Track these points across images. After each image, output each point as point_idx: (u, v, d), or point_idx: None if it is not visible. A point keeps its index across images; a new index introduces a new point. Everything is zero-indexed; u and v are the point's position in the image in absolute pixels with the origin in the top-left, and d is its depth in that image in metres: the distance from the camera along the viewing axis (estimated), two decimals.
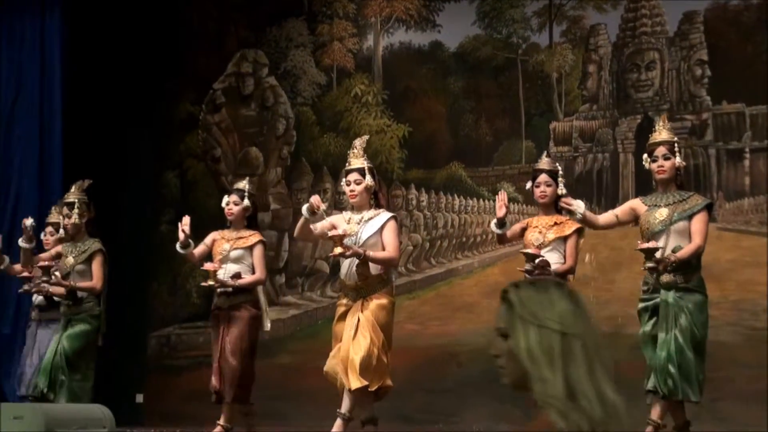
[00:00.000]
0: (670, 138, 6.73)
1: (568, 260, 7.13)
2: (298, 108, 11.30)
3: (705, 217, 6.56)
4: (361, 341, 6.90)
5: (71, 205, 8.50)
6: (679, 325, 6.33)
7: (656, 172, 6.69)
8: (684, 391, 6.31)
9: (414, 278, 10.65)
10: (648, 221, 6.60)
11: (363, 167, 7.20)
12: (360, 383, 6.83)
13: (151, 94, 11.36)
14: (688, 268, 6.45)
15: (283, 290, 11.09)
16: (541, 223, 7.24)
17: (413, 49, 11.01)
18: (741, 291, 9.17)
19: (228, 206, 8.01)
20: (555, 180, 7.22)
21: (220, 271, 7.72)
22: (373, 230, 7.07)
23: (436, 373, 9.25)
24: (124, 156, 11.12)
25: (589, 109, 10.35)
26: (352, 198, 7.19)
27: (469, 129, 10.69)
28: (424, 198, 10.73)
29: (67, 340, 8.26)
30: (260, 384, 10.59)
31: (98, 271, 8.40)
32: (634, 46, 10.18)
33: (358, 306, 7.01)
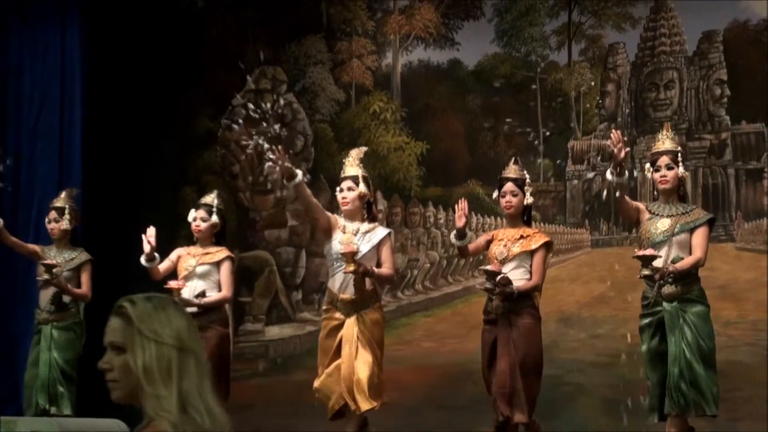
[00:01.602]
0: (674, 148, 6.67)
1: (534, 276, 6.82)
2: (317, 125, 11.32)
3: (706, 231, 6.51)
4: (365, 360, 6.85)
5: (61, 210, 8.47)
6: (686, 338, 6.27)
7: (659, 182, 6.63)
8: (697, 406, 6.26)
9: (431, 296, 10.64)
10: (649, 230, 6.54)
11: (357, 175, 7.15)
12: (370, 405, 6.80)
13: (170, 109, 11.38)
14: (688, 279, 6.40)
15: (300, 306, 11.08)
16: (507, 235, 6.93)
17: (432, 66, 11.03)
18: (759, 311, 9.12)
19: (195, 222, 7.82)
20: (522, 189, 6.98)
21: (185, 289, 7.54)
22: (371, 245, 7.04)
23: (452, 391, 9.23)
24: (143, 171, 11.13)
25: (608, 128, 10.32)
26: (344, 205, 7.15)
27: (487, 147, 10.68)
28: (442, 215, 10.73)
29: (58, 352, 8.22)
30: (275, 401, 10.61)
31: (89, 281, 8.38)
32: (653, 65, 10.17)
33: (353, 321, 6.95)
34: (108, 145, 10.71)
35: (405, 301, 10.58)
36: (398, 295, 10.63)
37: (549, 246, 6.92)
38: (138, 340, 2.87)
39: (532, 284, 6.80)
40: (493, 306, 6.78)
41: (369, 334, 6.93)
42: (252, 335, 11.08)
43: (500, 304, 6.73)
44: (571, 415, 9.37)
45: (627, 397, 9.33)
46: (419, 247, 10.72)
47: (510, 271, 6.77)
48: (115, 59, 10.97)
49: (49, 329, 8.27)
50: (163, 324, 2.89)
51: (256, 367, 10.98)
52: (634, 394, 9.28)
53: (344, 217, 7.17)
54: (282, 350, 11.00)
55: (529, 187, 6.99)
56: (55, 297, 8.29)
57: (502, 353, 6.62)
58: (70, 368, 8.24)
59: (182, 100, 11.51)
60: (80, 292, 8.33)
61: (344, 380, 6.86)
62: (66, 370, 8.21)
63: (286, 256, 11.23)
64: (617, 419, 9.30)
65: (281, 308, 11.13)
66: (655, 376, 6.44)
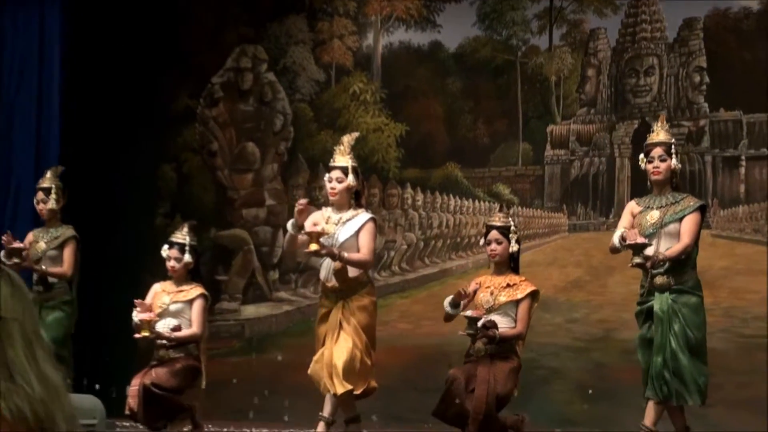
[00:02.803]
0: (668, 139, 6.67)
1: (519, 325, 6.84)
2: (296, 104, 11.30)
3: (696, 218, 6.50)
4: (343, 346, 6.88)
5: (47, 190, 8.44)
6: (673, 329, 6.30)
7: (651, 173, 6.63)
8: (679, 396, 6.29)
9: (407, 277, 10.66)
10: (640, 223, 6.55)
11: (347, 166, 7.12)
12: (344, 388, 6.83)
13: (149, 87, 11.35)
14: (680, 269, 6.41)
15: (276, 286, 11.09)
16: (494, 283, 6.94)
17: (413, 48, 11.02)
18: (733, 298, 9.19)
19: (169, 263, 7.77)
20: (507, 237, 6.96)
21: (160, 323, 7.56)
22: (350, 232, 7.03)
23: (427, 373, 9.27)
24: (121, 148, 11.11)
25: (587, 113, 10.36)
26: (332, 196, 7.14)
27: (467, 130, 10.69)
28: (420, 197, 10.74)
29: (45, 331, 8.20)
30: (252, 380, 10.63)
31: (70, 258, 8.35)
32: (633, 51, 10.19)
33: (339, 309, 6.98)
34: (86, 123, 10.68)
35: (381, 282, 10.58)
36: (375, 276, 10.64)
37: (535, 295, 6.95)
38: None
39: (516, 332, 6.84)
40: (475, 349, 6.82)
41: (355, 321, 6.94)
42: (228, 314, 11.09)
43: (482, 348, 6.77)
44: (545, 399, 9.42)
45: (601, 382, 9.40)
46: (396, 228, 10.74)
47: (495, 317, 6.79)
48: (95, 37, 10.93)
49: (38, 308, 8.29)
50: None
51: (231, 346, 10.99)
52: (608, 379, 9.35)
53: (332, 206, 7.17)
54: (258, 329, 11.01)
55: (514, 235, 6.98)
56: (41, 276, 8.30)
57: (482, 380, 6.65)
58: (57, 347, 8.21)
59: (161, 77, 11.47)
60: (58, 271, 8.31)
61: (326, 366, 6.92)
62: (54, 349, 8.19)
63: (263, 236, 11.22)
64: (591, 403, 9.36)
65: (258, 287, 11.13)
66: (645, 363, 6.48)
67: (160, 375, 7.47)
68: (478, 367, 6.70)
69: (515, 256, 7.01)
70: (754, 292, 9.20)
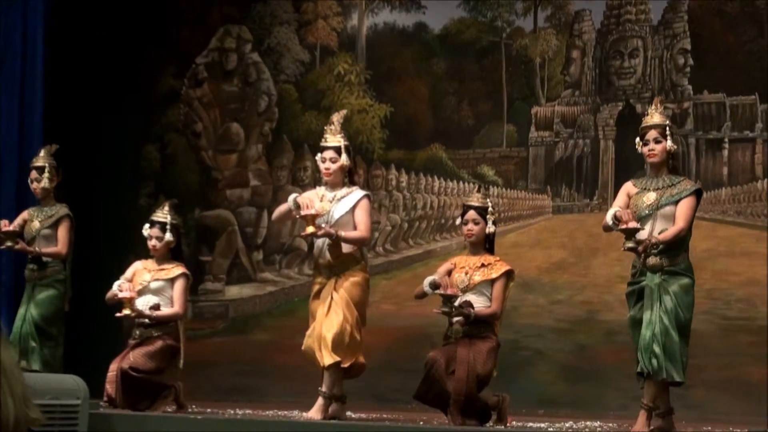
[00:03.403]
0: (662, 121, 6.67)
1: (494, 304, 6.84)
2: (281, 85, 11.28)
3: (692, 202, 6.51)
4: (333, 318, 6.92)
5: (41, 169, 8.43)
6: (664, 306, 6.30)
7: (647, 156, 6.63)
8: (668, 371, 6.30)
9: (391, 258, 10.67)
10: (636, 205, 6.55)
11: (339, 145, 7.16)
12: (332, 359, 6.87)
13: (133, 67, 11.33)
14: (674, 251, 6.42)
15: (260, 267, 11.09)
16: (469, 263, 6.96)
17: (397, 29, 11.00)
18: (715, 280, 9.22)
19: (151, 242, 7.76)
20: (484, 218, 6.98)
21: (139, 299, 7.54)
22: (345, 209, 7.06)
23: (410, 354, 9.28)
24: (105, 128, 11.09)
25: (572, 95, 10.37)
26: (327, 176, 7.18)
27: (451, 111, 10.69)
28: (404, 179, 10.74)
29: (35, 308, 8.22)
30: (235, 360, 10.64)
31: (64, 237, 8.34)
32: (617, 33, 10.20)
33: (332, 284, 7.02)
34: (70, 103, 10.65)
35: None
36: None
37: (510, 275, 6.96)
38: None
39: (491, 311, 6.84)
40: (453, 330, 6.85)
41: (346, 295, 6.98)
42: (212, 294, 11.09)
43: (460, 329, 6.80)
44: (528, 380, 9.45)
45: (584, 363, 9.43)
46: (381, 209, 10.74)
47: (470, 297, 6.82)
48: (79, 17, 10.89)
49: (31, 286, 8.30)
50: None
51: (215, 326, 11.00)
52: (591, 360, 9.39)
53: (326, 186, 7.20)
54: (242, 310, 11.02)
55: (491, 216, 7.00)
56: (36, 255, 8.29)
57: (461, 361, 6.67)
58: (46, 325, 8.23)
59: (145, 58, 11.45)
60: (52, 251, 8.31)
61: (315, 339, 6.95)
62: (41, 325, 8.20)
63: (247, 216, 11.22)
64: (574, 384, 9.40)
65: (242, 268, 11.13)
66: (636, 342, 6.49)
67: (137, 358, 7.46)
68: (458, 349, 6.72)
69: (491, 237, 7.03)
70: (737, 274, 9.25)
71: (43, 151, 8.60)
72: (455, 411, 6.65)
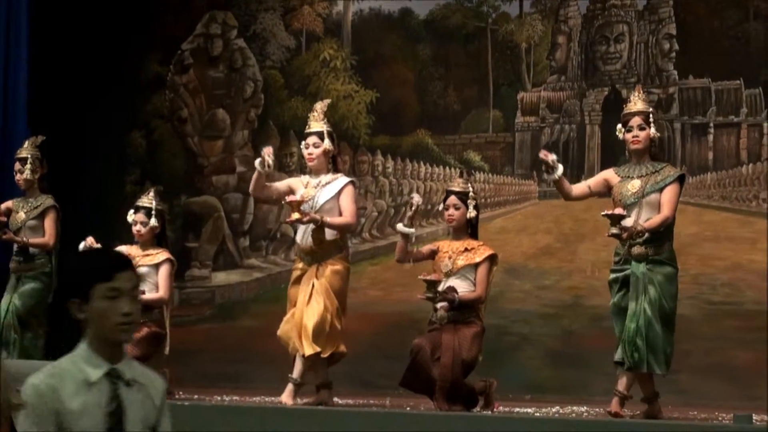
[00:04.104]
0: (646, 108, 6.68)
1: (478, 288, 6.87)
2: (267, 71, 11.26)
3: (676, 188, 6.52)
4: (314, 307, 6.93)
5: (24, 160, 8.42)
6: (648, 297, 6.32)
7: (630, 143, 6.64)
8: (650, 363, 6.33)
9: (378, 244, 10.68)
10: (620, 192, 6.56)
11: (322, 131, 7.18)
12: (313, 350, 6.88)
13: (118, 53, 11.28)
14: (659, 240, 6.43)
15: (247, 253, 11.08)
16: (452, 248, 6.98)
17: (383, 15, 10.98)
18: (701, 265, 9.25)
19: (135, 227, 7.76)
20: (465, 203, 6.99)
21: None
22: (330, 195, 7.07)
23: (397, 340, 9.29)
24: (89, 115, 11.05)
25: (557, 80, 10.37)
26: (310, 161, 7.19)
27: (437, 97, 10.68)
28: (390, 164, 10.74)
29: (18, 299, 8.20)
30: (222, 346, 10.63)
31: (51, 228, 8.32)
32: (603, 18, 10.20)
33: (313, 271, 7.03)
34: (54, 89, 10.60)
35: (351, 249, 10.56)
36: None
37: (493, 259, 6.98)
38: None
39: (476, 296, 6.87)
40: (438, 317, 6.85)
41: (327, 283, 6.99)
42: (198, 281, 11.08)
43: (445, 315, 6.81)
44: (515, 365, 9.46)
45: (570, 349, 9.46)
46: (367, 195, 10.74)
47: (454, 282, 6.83)
48: (63, 2, 10.84)
49: (16, 277, 8.27)
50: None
51: (202, 313, 10.99)
52: (577, 345, 9.41)
53: (310, 172, 7.21)
54: (228, 296, 11.02)
55: (472, 201, 7.00)
56: (22, 247, 8.27)
57: (447, 347, 6.69)
58: (28, 316, 8.22)
59: (131, 44, 11.41)
60: (40, 242, 8.29)
61: (296, 326, 6.96)
62: (23, 317, 8.19)
63: (233, 202, 11.21)
64: (561, 370, 9.42)
65: (228, 254, 11.13)
66: (619, 330, 6.51)
67: None
68: (443, 335, 6.73)
69: (473, 222, 7.03)
70: (722, 259, 9.28)
71: (27, 142, 8.58)
72: (441, 397, 6.67)
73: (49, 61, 10.58)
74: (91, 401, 3.06)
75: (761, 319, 8.76)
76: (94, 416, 3.05)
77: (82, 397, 3.06)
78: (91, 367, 3.13)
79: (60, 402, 3.03)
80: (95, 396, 3.08)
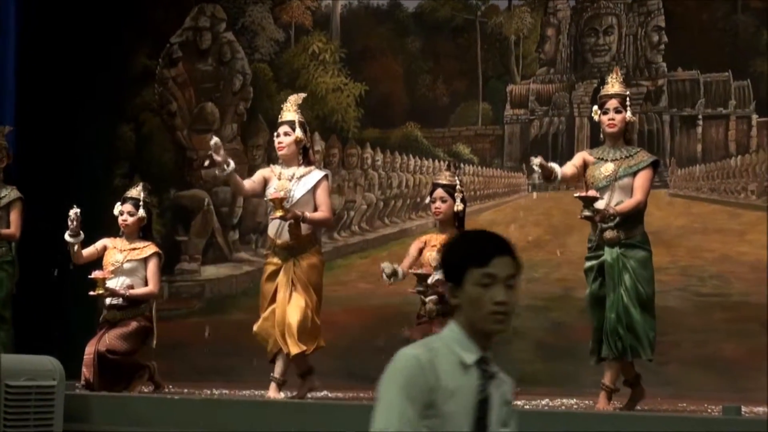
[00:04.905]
0: (622, 91, 6.67)
1: None
2: (256, 64, 11.25)
3: (649, 173, 6.52)
4: (297, 305, 6.91)
5: None
6: (624, 284, 6.33)
7: (606, 125, 6.62)
8: (634, 350, 6.34)
9: (367, 237, 10.68)
10: (593, 175, 6.55)
11: (293, 120, 7.15)
12: (299, 348, 6.88)
13: (107, 46, 11.26)
14: (630, 223, 6.42)
15: (236, 246, 11.08)
16: (439, 241, 6.92)
17: (372, 8, 10.97)
18: (690, 257, 9.27)
19: (122, 216, 7.74)
20: (452, 195, 7.01)
21: (111, 280, 7.53)
22: (305, 189, 7.05)
23: (387, 333, 9.30)
24: (78, 108, 11.03)
25: (546, 73, 10.37)
26: (280, 150, 7.16)
27: (426, 89, 10.68)
28: (379, 157, 10.73)
29: None
30: (213, 340, 10.63)
31: (17, 220, 8.31)
32: (592, 10, 10.20)
33: (290, 266, 6.99)
34: (43, 83, 10.58)
35: (341, 242, 10.62)
36: (335, 237, 10.66)
37: None
38: None
39: None
40: (426, 310, 6.85)
41: (305, 279, 6.98)
42: (188, 274, 11.08)
43: (434, 308, 6.81)
44: (504, 358, 9.44)
45: (560, 341, 9.47)
46: (356, 188, 10.74)
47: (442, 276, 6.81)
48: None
49: None
50: None
51: (191, 307, 10.99)
52: (567, 337, 9.42)
53: (281, 162, 7.17)
54: (218, 290, 11.01)
55: (459, 193, 7.00)
56: None
57: None
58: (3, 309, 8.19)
59: (119, 37, 11.39)
60: (7, 232, 8.26)
61: (278, 324, 6.94)
62: None
63: (223, 196, 11.20)
64: (550, 362, 9.44)
65: (218, 248, 11.12)
66: (596, 320, 6.50)
67: (113, 340, 7.45)
68: (433, 328, 6.74)
69: (460, 215, 7.02)
70: (711, 251, 9.29)
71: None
72: None
73: (37, 54, 10.56)
74: (465, 384, 2.87)
75: (750, 311, 8.79)
76: (466, 400, 2.85)
77: (457, 379, 2.86)
78: (464, 351, 2.92)
79: (437, 378, 2.83)
80: (469, 380, 2.88)
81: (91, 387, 7.36)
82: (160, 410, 6.85)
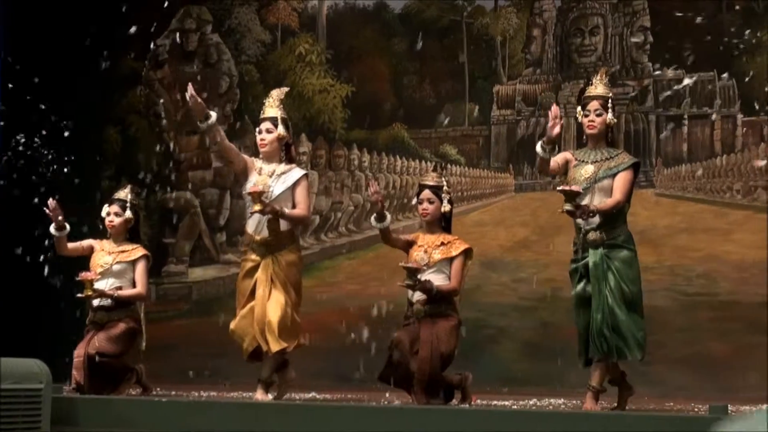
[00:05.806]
0: (605, 93, 6.64)
1: (453, 281, 6.86)
2: (242, 66, 11.25)
3: (629, 175, 6.51)
4: (277, 302, 6.88)
5: None
6: (609, 285, 6.32)
7: (587, 127, 6.60)
8: (619, 351, 6.33)
9: (354, 238, 10.68)
10: (574, 177, 6.54)
11: (276, 117, 7.12)
12: (279, 345, 6.84)
13: (93, 48, 11.23)
14: (612, 224, 6.42)
15: (223, 248, 11.07)
16: (427, 241, 6.98)
17: (358, 9, 10.99)
18: (676, 256, 9.29)
19: (108, 217, 7.69)
20: (439, 197, 7.00)
21: (101, 283, 7.52)
22: (285, 186, 7.03)
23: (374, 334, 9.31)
24: (65, 110, 11.00)
25: (533, 73, 10.40)
26: (262, 147, 7.12)
27: (413, 90, 10.70)
28: (366, 158, 10.74)
29: None
30: (201, 342, 10.62)
31: None
32: (578, 11, 10.23)
33: (268, 263, 6.96)
34: (29, 85, 10.56)
35: (328, 243, 10.62)
36: (322, 238, 10.67)
37: (468, 253, 6.97)
38: None
39: (452, 287, 6.86)
40: (414, 310, 6.86)
41: (284, 276, 6.95)
42: (175, 277, 11.07)
43: (421, 309, 6.82)
44: (492, 358, 9.49)
45: (547, 341, 9.48)
46: (343, 189, 10.74)
47: (430, 275, 6.83)
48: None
49: None
50: None
51: (179, 309, 10.98)
52: (554, 337, 9.44)
53: (262, 159, 7.15)
54: (205, 292, 11.00)
55: (446, 195, 7.00)
56: None
57: (425, 341, 6.69)
58: None
59: (105, 39, 11.35)
60: None
61: (257, 322, 6.90)
62: None
63: (210, 198, 11.19)
64: (538, 362, 9.45)
65: (205, 250, 11.11)
66: (581, 322, 6.49)
67: (102, 343, 7.43)
68: (421, 329, 6.74)
69: (447, 216, 7.03)
70: (697, 250, 9.32)
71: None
72: (419, 391, 6.67)
73: (23, 56, 10.53)
74: None
75: (736, 310, 8.82)
76: None
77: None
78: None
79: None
80: None
81: (82, 390, 7.35)
82: (148, 412, 6.82)
